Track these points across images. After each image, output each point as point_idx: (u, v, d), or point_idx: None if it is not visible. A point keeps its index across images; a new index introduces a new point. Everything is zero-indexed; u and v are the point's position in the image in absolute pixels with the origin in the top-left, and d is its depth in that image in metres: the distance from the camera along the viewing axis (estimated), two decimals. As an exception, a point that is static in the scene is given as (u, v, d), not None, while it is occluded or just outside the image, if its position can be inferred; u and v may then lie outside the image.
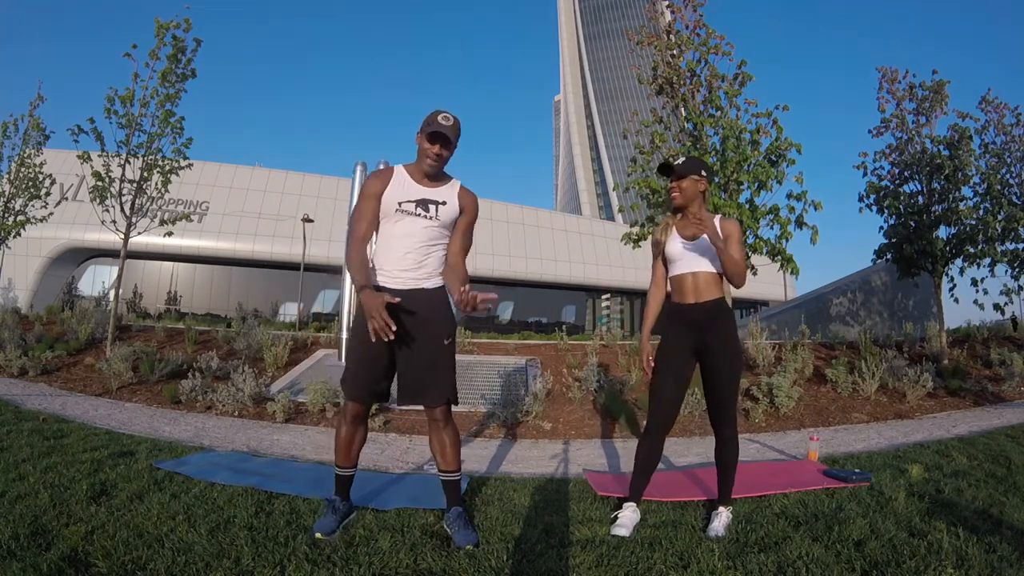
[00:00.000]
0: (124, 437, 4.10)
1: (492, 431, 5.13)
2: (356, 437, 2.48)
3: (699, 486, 3.14)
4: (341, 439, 2.46)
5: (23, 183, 9.78)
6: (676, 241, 2.54)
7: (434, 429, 2.44)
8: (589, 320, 30.68)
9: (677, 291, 2.58)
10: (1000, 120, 8.10)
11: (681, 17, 6.78)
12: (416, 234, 2.37)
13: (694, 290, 2.53)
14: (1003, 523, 2.42)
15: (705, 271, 2.53)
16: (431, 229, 2.38)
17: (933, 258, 7.71)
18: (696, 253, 2.53)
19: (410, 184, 2.40)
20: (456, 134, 2.36)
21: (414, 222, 2.36)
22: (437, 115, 2.35)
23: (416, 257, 2.37)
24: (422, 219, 2.36)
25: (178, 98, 7.59)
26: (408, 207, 2.36)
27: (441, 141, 2.33)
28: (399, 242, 2.37)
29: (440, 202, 2.40)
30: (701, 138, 6.46)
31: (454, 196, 2.43)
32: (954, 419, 5.38)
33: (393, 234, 2.38)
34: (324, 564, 1.98)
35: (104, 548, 2.00)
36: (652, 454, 2.59)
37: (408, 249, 2.36)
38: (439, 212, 2.38)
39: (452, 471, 2.44)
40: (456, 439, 2.47)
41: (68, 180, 19.12)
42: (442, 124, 2.32)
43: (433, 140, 2.33)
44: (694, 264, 2.53)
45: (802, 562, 2.03)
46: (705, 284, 2.52)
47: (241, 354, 7.33)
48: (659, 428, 2.58)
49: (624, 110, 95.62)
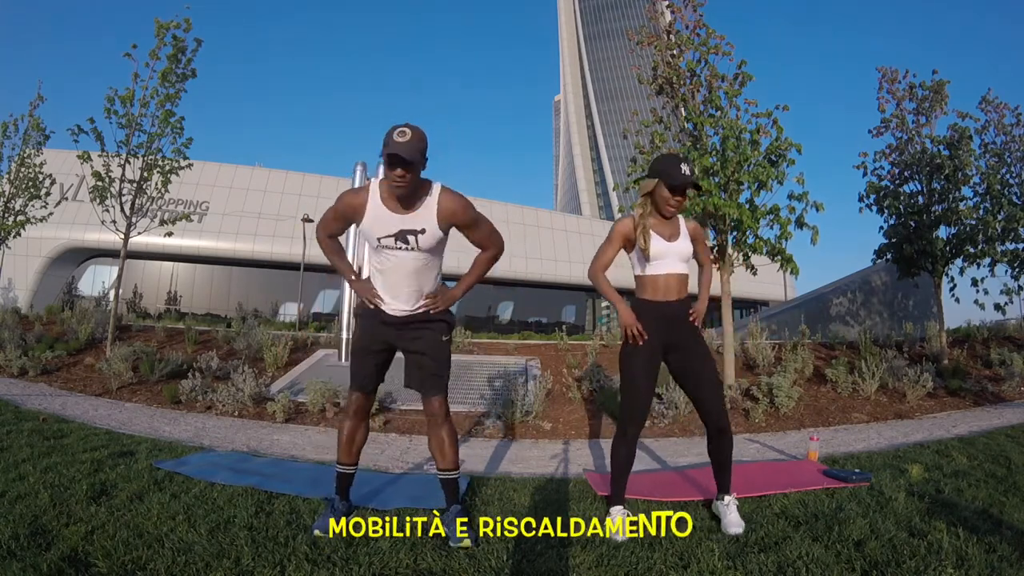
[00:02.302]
0: (124, 437, 4.10)
1: (492, 431, 5.13)
2: (358, 433, 2.53)
3: (698, 486, 3.14)
4: (344, 434, 2.51)
5: (23, 183, 9.77)
6: (659, 241, 2.56)
7: (432, 426, 2.46)
8: (589, 320, 30.67)
9: (654, 289, 2.59)
10: (1000, 120, 8.09)
11: (681, 17, 6.77)
12: (403, 266, 2.36)
13: (677, 288, 2.59)
14: (1003, 523, 2.42)
15: (683, 272, 2.62)
16: (416, 259, 2.35)
17: (933, 258, 7.70)
18: (676, 254, 2.58)
19: (385, 215, 2.27)
20: (415, 150, 2.10)
21: (396, 255, 2.34)
22: (392, 132, 2.11)
23: (410, 288, 2.39)
24: (403, 251, 2.32)
25: (178, 98, 7.59)
26: (388, 242, 2.30)
27: (400, 164, 2.10)
28: (390, 276, 2.39)
29: (418, 231, 2.28)
30: (701, 138, 6.45)
31: (432, 218, 2.28)
32: (954, 419, 5.38)
33: (381, 268, 2.41)
34: (324, 564, 1.98)
35: (104, 548, 2.00)
36: (631, 455, 2.61)
37: (398, 281, 2.39)
38: (419, 242, 2.30)
39: (450, 470, 2.45)
40: (454, 437, 2.48)
41: (68, 180, 19.11)
42: (396, 143, 2.08)
43: (391, 165, 2.11)
44: (674, 266, 2.58)
45: (802, 562, 2.03)
46: (682, 284, 2.61)
47: (241, 354, 7.33)
48: (637, 426, 2.59)
49: (624, 110, 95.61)
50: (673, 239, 2.57)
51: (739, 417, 5.43)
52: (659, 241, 2.55)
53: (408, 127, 2.14)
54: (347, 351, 7.53)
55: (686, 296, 2.61)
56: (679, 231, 2.61)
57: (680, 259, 2.58)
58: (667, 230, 2.58)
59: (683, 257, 2.59)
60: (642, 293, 2.63)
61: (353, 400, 2.52)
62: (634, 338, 2.53)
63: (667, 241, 2.55)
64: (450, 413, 2.52)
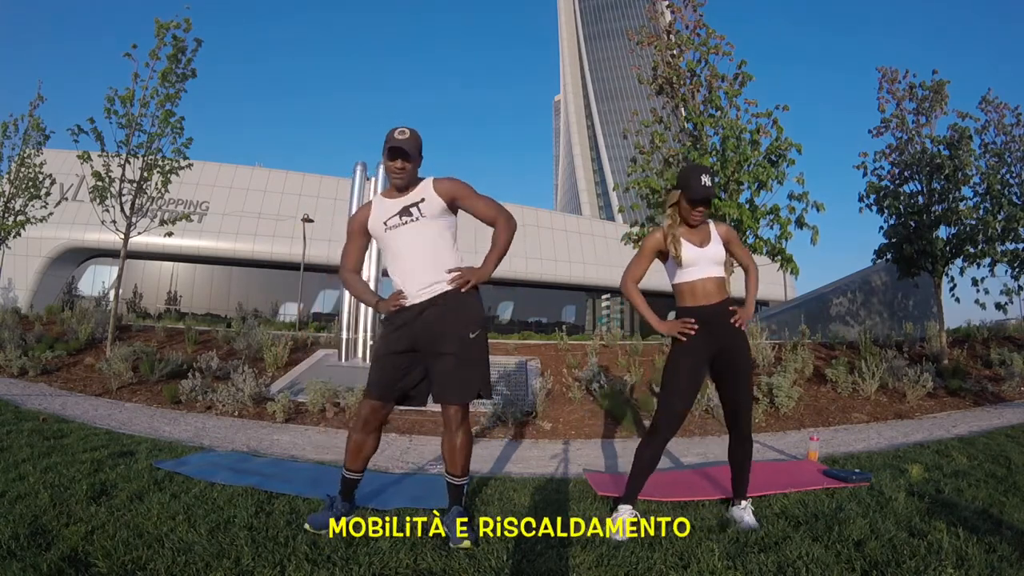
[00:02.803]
0: (124, 437, 4.10)
1: (492, 431, 5.13)
2: (367, 444, 2.44)
3: (699, 486, 3.14)
4: (352, 444, 2.44)
5: (23, 183, 9.78)
6: (691, 248, 2.57)
7: (446, 431, 2.38)
8: (589, 320, 30.67)
9: (693, 295, 2.60)
10: (1000, 120, 8.10)
11: (681, 17, 6.78)
12: (413, 240, 2.40)
13: (716, 291, 2.60)
14: (1003, 523, 2.42)
15: (719, 276, 2.62)
16: (423, 229, 2.40)
17: (933, 258, 7.70)
18: (709, 259, 2.59)
19: (387, 203, 2.48)
20: (414, 146, 2.40)
21: (405, 231, 2.41)
22: (393, 132, 2.41)
23: (425, 263, 2.39)
24: (410, 224, 2.41)
25: (178, 98, 7.59)
26: (393, 221, 2.43)
27: (400, 156, 2.37)
28: (404, 256, 2.41)
29: (419, 201, 2.43)
30: (701, 138, 6.46)
31: (430, 190, 2.45)
32: (954, 419, 5.38)
33: (395, 251, 2.43)
34: (324, 564, 1.98)
35: (104, 548, 2.00)
36: (656, 456, 2.59)
37: (414, 259, 2.40)
38: (422, 209, 2.41)
39: (459, 476, 2.40)
40: (468, 444, 2.40)
41: (68, 180, 19.12)
42: (398, 139, 2.37)
43: (392, 156, 2.38)
44: (709, 270, 2.59)
45: (802, 562, 2.03)
46: (719, 287, 2.61)
47: (241, 354, 7.33)
48: (672, 431, 2.58)
49: (624, 110, 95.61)
50: (704, 244, 2.58)
51: (739, 417, 5.43)
52: (691, 248, 2.56)
53: (407, 128, 2.42)
54: (347, 351, 7.53)
55: (726, 298, 2.62)
56: (710, 236, 2.62)
57: (714, 263, 2.59)
58: (697, 237, 2.60)
59: (716, 260, 2.60)
60: (682, 301, 2.64)
61: (363, 408, 2.41)
62: (685, 336, 2.54)
63: (699, 247, 2.57)
64: (468, 419, 2.42)
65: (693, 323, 2.54)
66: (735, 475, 2.64)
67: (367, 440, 2.44)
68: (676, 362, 2.58)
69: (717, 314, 2.56)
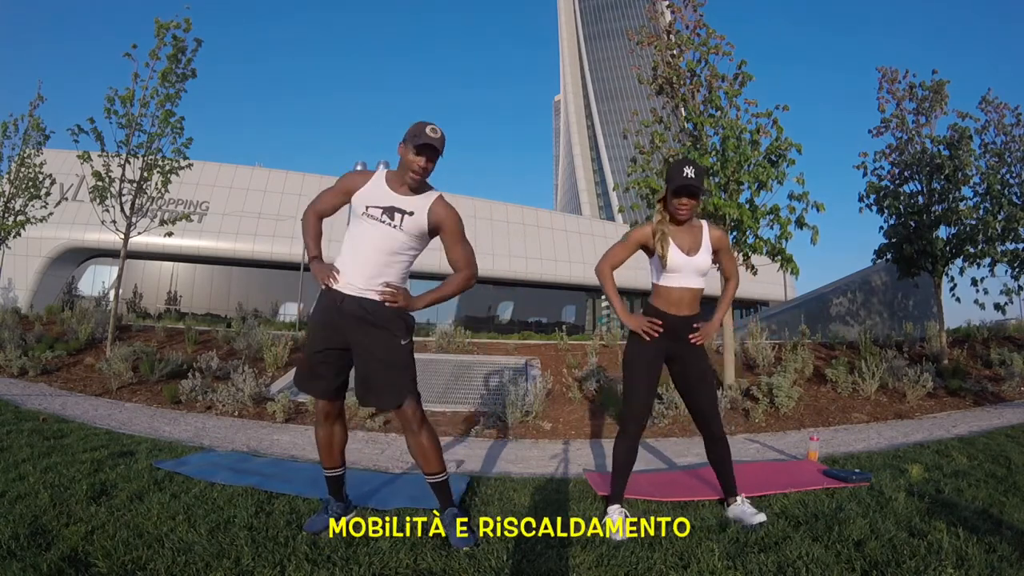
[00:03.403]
0: (124, 437, 4.10)
1: (492, 431, 5.13)
2: (334, 436, 2.48)
3: (699, 486, 3.14)
4: (320, 440, 2.48)
5: (23, 183, 9.77)
6: (678, 254, 2.54)
7: (409, 434, 2.36)
8: (589, 320, 30.66)
9: (667, 300, 2.59)
10: (1000, 120, 8.09)
11: (681, 17, 6.77)
12: (379, 243, 2.29)
13: (689, 303, 2.60)
14: (1003, 523, 2.42)
15: (698, 287, 2.61)
16: (393, 239, 2.29)
17: (933, 258, 7.70)
18: (694, 269, 2.57)
19: (384, 190, 2.34)
20: (443, 147, 2.29)
21: (376, 228, 2.30)
22: (424, 127, 2.26)
23: (374, 268, 2.29)
24: (385, 226, 2.29)
25: (178, 98, 7.59)
26: (374, 212, 2.31)
27: (429, 154, 2.26)
28: (361, 250, 2.31)
29: (407, 212, 2.30)
30: (701, 138, 6.45)
31: (424, 209, 2.32)
32: (954, 419, 5.37)
33: (356, 238, 2.33)
34: (324, 564, 1.98)
35: (104, 548, 2.00)
36: (632, 454, 2.63)
37: (367, 256, 2.30)
38: (403, 223, 2.30)
39: (437, 473, 2.38)
40: (434, 440, 2.38)
41: (68, 180, 19.11)
42: (431, 136, 2.24)
43: (421, 152, 2.25)
44: (690, 280, 2.58)
45: (802, 562, 2.03)
46: (694, 299, 2.61)
47: (241, 354, 7.33)
48: (638, 425, 2.62)
49: (624, 110, 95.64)
50: (693, 252, 2.55)
51: (739, 417, 5.43)
52: (678, 254, 2.53)
53: (436, 127, 2.29)
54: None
55: (697, 312, 2.61)
56: (700, 243, 2.57)
57: (698, 273, 2.57)
58: (688, 241, 2.55)
59: (701, 271, 2.58)
60: (655, 300, 2.64)
61: (320, 407, 2.45)
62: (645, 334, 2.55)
63: (686, 255, 2.54)
64: (425, 416, 2.40)
65: (660, 325, 2.55)
66: (719, 475, 2.70)
67: (332, 431, 2.48)
68: (633, 360, 2.62)
69: (683, 326, 2.58)
